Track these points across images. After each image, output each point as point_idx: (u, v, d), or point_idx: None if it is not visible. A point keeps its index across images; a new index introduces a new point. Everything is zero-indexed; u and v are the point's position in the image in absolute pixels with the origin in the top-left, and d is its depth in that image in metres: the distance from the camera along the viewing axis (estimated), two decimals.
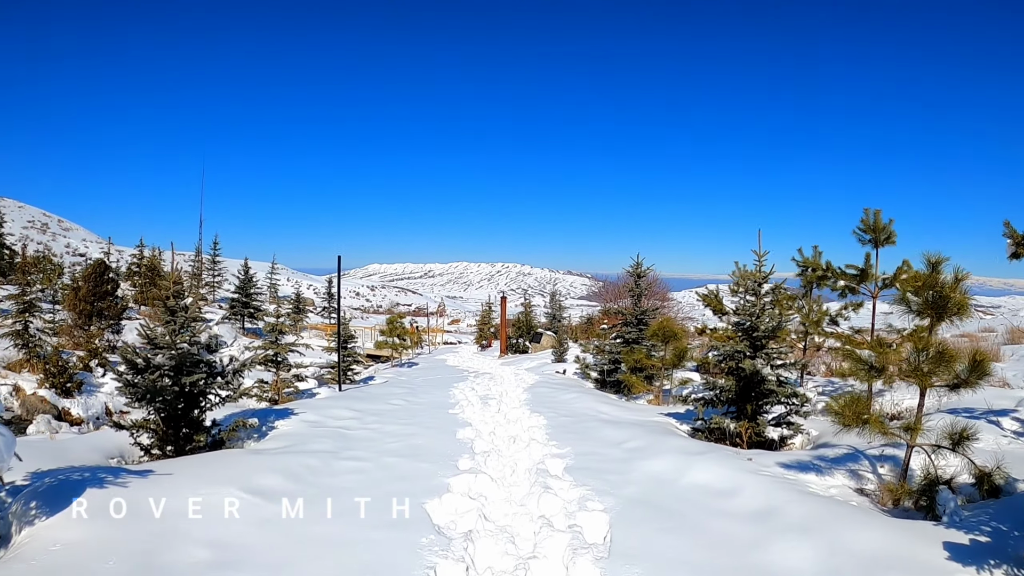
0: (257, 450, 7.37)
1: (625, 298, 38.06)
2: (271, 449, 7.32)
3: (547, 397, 12.00)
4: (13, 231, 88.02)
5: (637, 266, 15.61)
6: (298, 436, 7.91)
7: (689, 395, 9.77)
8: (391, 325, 22.21)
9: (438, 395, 12.03)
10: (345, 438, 7.80)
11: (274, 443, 7.73)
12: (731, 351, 9.08)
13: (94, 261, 27.54)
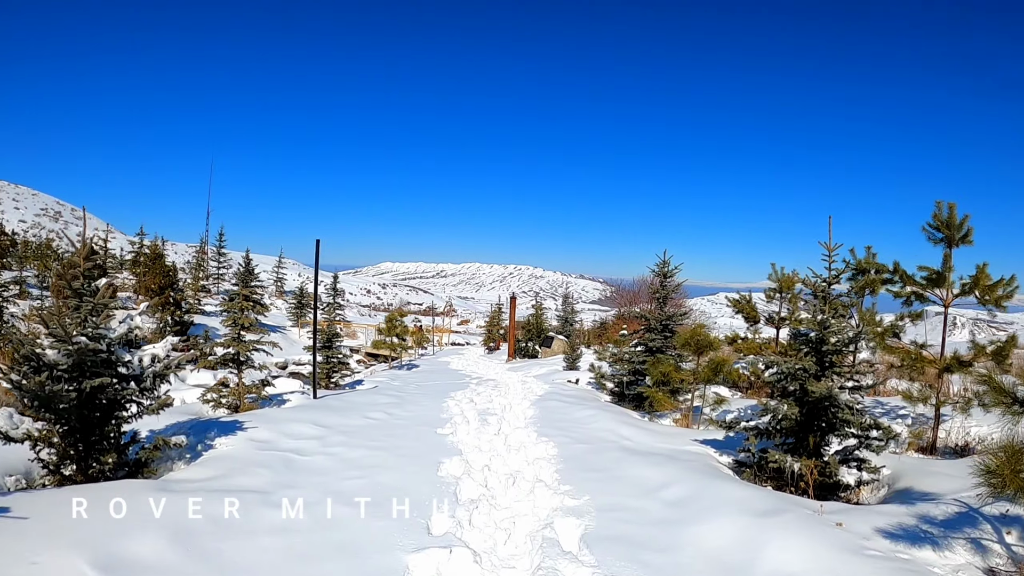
0: (175, 481, 5.56)
1: (642, 302, 36.26)
2: (191, 480, 5.51)
3: (558, 414, 10.10)
4: (26, 218, 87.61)
5: (663, 264, 13.67)
6: (234, 461, 6.09)
7: (734, 421, 7.82)
8: (390, 323, 20.37)
9: (429, 407, 10.16)
10: (291, 468, 5.96)
11: (201, 470, 5.92)
12: (791, 369, 7.13)
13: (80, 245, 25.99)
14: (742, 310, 15.43)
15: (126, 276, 38.19)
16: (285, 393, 10.57)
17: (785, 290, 14.54)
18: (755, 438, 7.20)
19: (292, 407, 9.55)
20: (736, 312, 15.79)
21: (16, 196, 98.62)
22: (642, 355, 13.25)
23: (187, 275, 41.08)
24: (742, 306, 15.40)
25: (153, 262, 28.71)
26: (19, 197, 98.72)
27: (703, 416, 10.89)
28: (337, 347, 13.01)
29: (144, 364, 6.28)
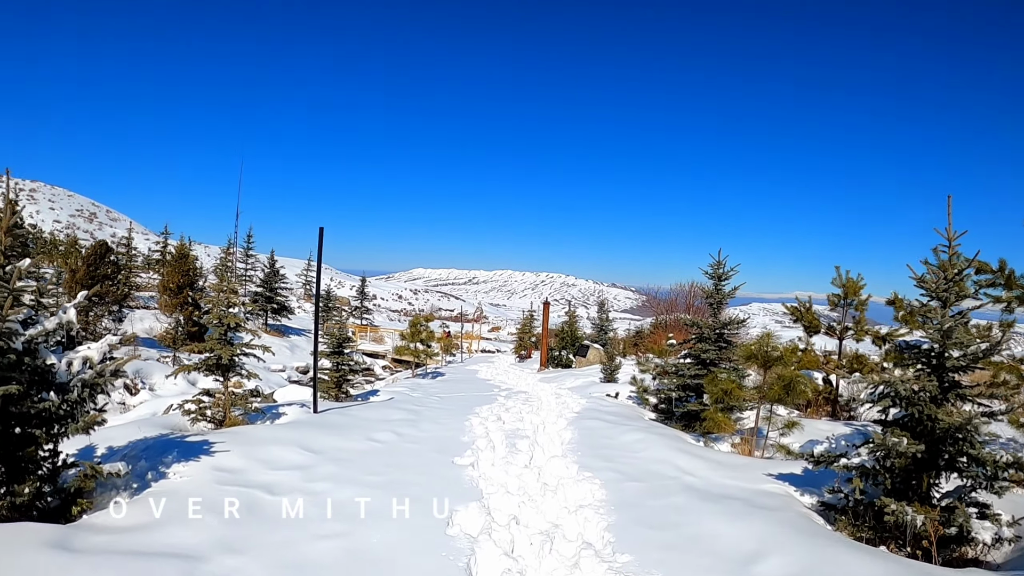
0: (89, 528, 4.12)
1: (679, 311, 34.31)
2: (110, 530, 4.07)
3: (600, 437, 8.46)
4: (60, 218, 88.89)
5: (718, 265, 11.95)
6: (181, 501, 4.63)
7: (827, 456, 6.08)
8: (414, 328, 18.90)
9: (448, 426, 8.60)
10: (252, 515, 4.47)
11: (134, 512, 4.48)
12: (908, 391, 5.42)
13: (95, 242, 25.16)
14: (801, 318, 13.57)
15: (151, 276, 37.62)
16: (282, 405, 9.10)
17: (850, 296, 12.73)
18: (860, 479, 5.50)
19: (284, 423, 8.07)
20: (794, 320, 13.91)
21: (52, 197, 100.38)
22: (693, 368, 11.56)
23: (214, 276, 40.47)
24: (801, 314, 13.55)
25: (178, 261, 27.83)
26: (55, 198, 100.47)
27: (767, 441, 9.20)
28: (349, 353, 11.55)
29: (74, 369, 4.86)
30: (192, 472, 5.39)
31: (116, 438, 6.71)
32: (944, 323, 5.31)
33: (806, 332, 13.49)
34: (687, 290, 33.88)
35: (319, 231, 8.61)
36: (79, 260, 24.02)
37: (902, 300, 11.79)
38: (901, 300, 11.80)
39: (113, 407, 16.77)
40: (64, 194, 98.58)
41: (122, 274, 31.32)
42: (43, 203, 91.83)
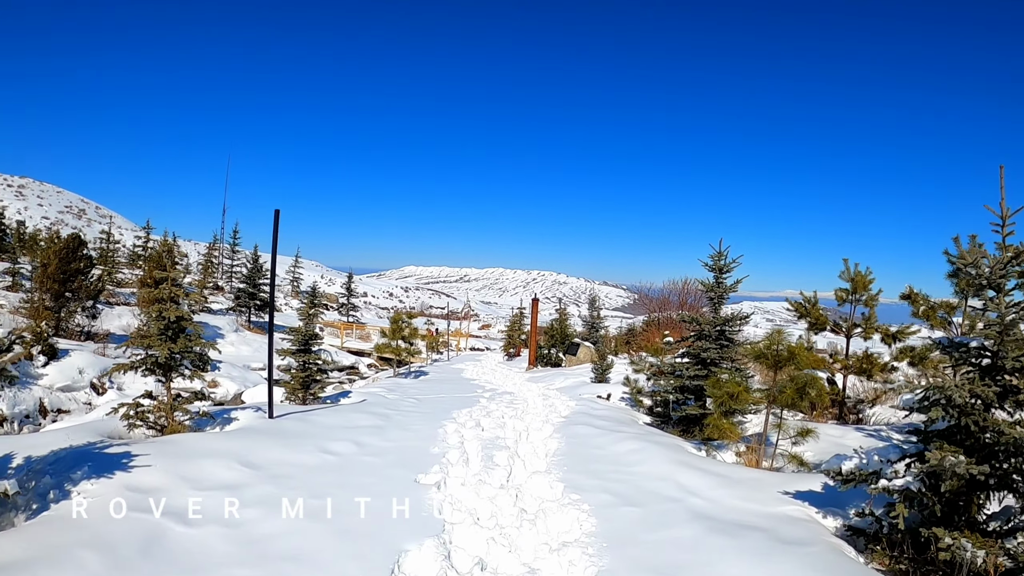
0: None
1: (672, 308, 33.41)
2: None
3: (591, 447, 7.52)
4: (49, 215, 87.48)
5: (719, 257, 11.02)
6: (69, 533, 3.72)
7: (857, 475, 5.17)
8: (395, 325, 17.88)
9: (420, 434, 7.62)
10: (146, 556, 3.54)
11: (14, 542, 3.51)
12: (962, 399, 4.50)
13: (67, 235, 24.04)
14: (807, 314, 12.69)
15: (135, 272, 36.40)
16: (236, 409, 8.11)
17: (859, 291, 11.86)
18: (904, 506, 4.58)
19: (232, 431, 7.09)
20: (799, 317, 13.00)
21: (41, 194, 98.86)
22: (693, 368, 10.64)
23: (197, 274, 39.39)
24: (807, 310, 12.66)
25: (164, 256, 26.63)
26: (44, 195, 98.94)
27: (776, 450, 8.32)
28: (317, 351, 10.54)
29: None
30: (100, 491, 4.43)
31: (42, 445, 5.77)
32: (1005, 314, 4.39)
33: (811, 329, 12.60)
34: (680, 287, 33.02)
35: (275, 213, 7.63)
36: (51, 254, 22.87)
37: (919, 295, 10.88)
38: (919, 295, 10.88)
39: (79, 407, 15.75)
40: (53, 190, 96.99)
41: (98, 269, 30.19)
42: (31, 199, 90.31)
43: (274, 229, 7.61)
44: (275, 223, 7.62)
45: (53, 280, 21.17)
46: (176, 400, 7.53)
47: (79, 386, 17.46)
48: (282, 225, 7.50)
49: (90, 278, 22.73)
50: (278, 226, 7.63)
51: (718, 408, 8.66)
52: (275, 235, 7.60)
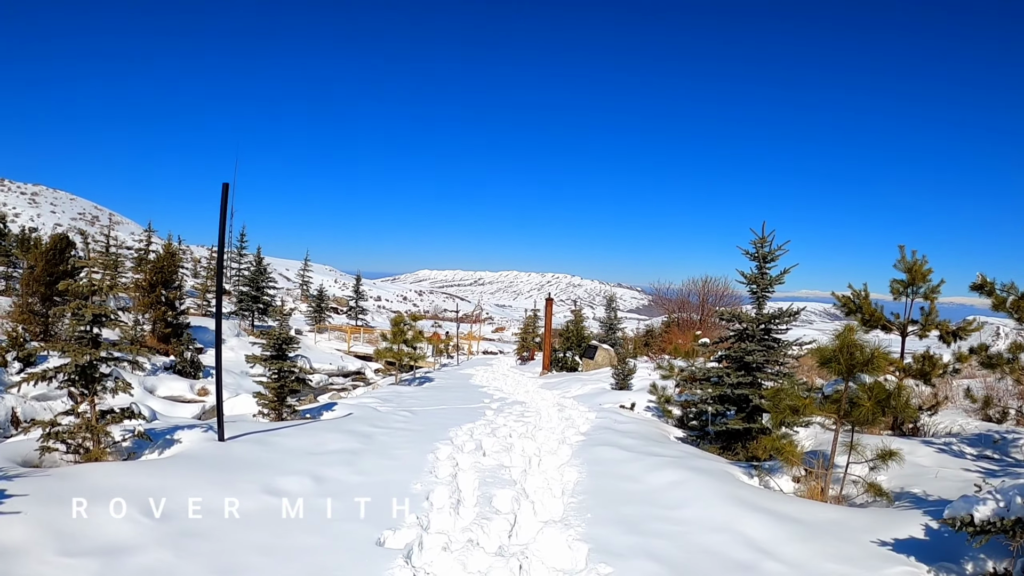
0: None
1: (691, 309, 31.64)
2: None
3: (619, 477, 5.92)
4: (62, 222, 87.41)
5: (762, 243, 9.40)
6: None
7: (1004, 525, 3.53)
8: (396, 328, 16.35)
9: (403, 462, 6.04)
10: None
11: None
12: None
13: (53, 236, 22.82)
14: (856, 310, 10.96)
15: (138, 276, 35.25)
16: (183, 429, 6.58)
17: (918, 282, 10.18)
18: None
19: (165, 458, 5.58)
20: (846, 313, 11.24)
21: (54, 201, 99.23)
22: (736, 375, 9.01)
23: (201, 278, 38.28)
24: (856, 305, 10.93)
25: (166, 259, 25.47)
26: (57, 202, 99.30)
27: (845, 475, 6.71)
28: (294, 357, 9.01)
29: None
30: None
31: None
32: None
33: (865, 327, 10.90)
34: (699, 287, 31.31)
35: (223, 188, 6.13)
36: (38, 256, 21.59)
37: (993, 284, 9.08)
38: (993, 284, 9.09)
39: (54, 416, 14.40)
40: (66, 197, 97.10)
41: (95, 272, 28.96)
42: (44, 206, 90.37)
43: (222, 205, 6.11)
44: (223, 198, 6.12)
45: (39, 283, 19.94)
46: (105, 418, 6.04)
47: (56, 394, 16.13)
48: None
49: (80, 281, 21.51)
50: (227, 201, 6.13)
51: (777, 425, 7.00)
52: (223, 211, 6.10)
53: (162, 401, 17.12)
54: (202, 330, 26.41)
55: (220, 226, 6.13)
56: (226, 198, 6.16)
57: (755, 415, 8.98)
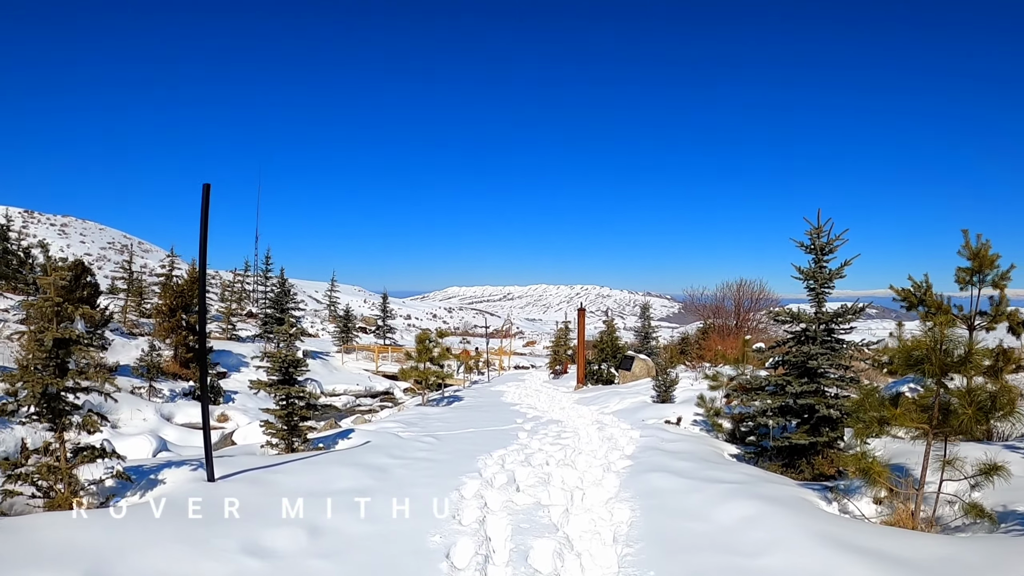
0: None
1: (727, 315, 30.25)
2: None
3: (680, 515, 4.88)
4: (91, 251, 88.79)
5: (817, 233, 8.34)
6: None
7: None
8: (421, 345, 15.47)
9: (424, 501, 5.09)
10: None
11: None
12: None
13: (69, 261, 22.51)
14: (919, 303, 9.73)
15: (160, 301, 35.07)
16: (169, 467, 5.73)
17: (985, 269, 8.96)
18: None
19: (138, 504, 4.70)
20: (908, 307, 9.99)
21: (83, 231, 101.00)
22: (798, 382, 7.92)
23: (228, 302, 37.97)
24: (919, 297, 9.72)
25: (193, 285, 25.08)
26: (86, 232, 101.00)
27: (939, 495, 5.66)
28: (303, 382, 8.16)
29: None
30: None
31: None
32: None
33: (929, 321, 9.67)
34: (734, 291, 29.99)
35: (203, 189, 5.31)
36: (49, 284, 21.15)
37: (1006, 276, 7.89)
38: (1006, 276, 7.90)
39: None
40: (95, 228, 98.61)
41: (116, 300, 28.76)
42: (74, 237, 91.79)
43: (203, 208, 5.28)
44: (204, 200, 5.29)
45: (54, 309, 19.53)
46: (78, 455, 5.21)
47: None
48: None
49: (97, 307, 21.11)
50: (208, 204, 5.29)
51: (861, 439, 5.90)
52: (204, 215, 5.26)
53: (179, 429, 16.45)
54: (226, 354, 25.89)
55: (201, 232, 5.29)
56: (207, 200, 5.34)
57: (820, 427, 7.89)
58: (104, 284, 35.93)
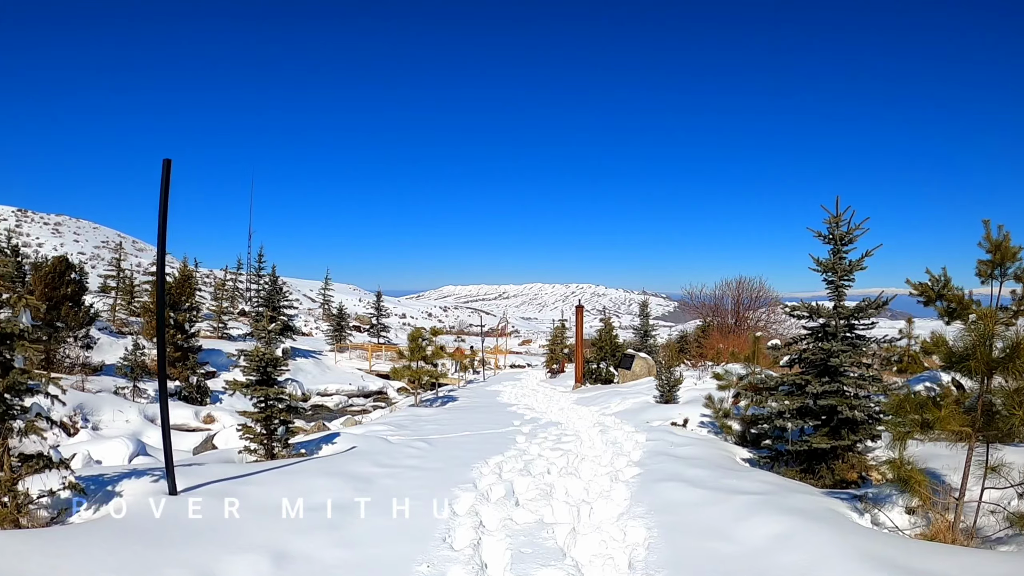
0: None
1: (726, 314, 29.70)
2: None
3: (703, 535, 4.29)
4: (85, 250, 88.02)
5: (836, 223, 7.77)
6: None
7: None
8: (414, 343, 14.86)
9: (410, 520, 4.47)
10: None
11: None
12: None
13: (54, 259, 21.79)
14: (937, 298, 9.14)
15: None
16: (129, 477, 5.11)
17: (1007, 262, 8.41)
18: None
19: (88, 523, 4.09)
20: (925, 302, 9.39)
21: (77, 230, 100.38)
22: (818, 382, 7.35)
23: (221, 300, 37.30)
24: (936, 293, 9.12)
25: (184, 283, 24.47)
26: (80, 231, 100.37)
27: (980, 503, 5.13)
28: (283, 382, 7.53)
29: None
30: None
31: None
32: None
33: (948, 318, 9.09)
34: (733, 288, 29.51)
35: (163, 165, 4.69)
36: (37, 279, 20.53)
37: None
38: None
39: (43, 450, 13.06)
40: (89, 227, 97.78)
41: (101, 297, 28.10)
42: (68, 236, 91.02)
43: (163, 186, 4.66)
44: (164, 178, 4.67)
45: None
46: (24, 465, 4.60)
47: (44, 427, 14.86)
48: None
49: (82, 305, 20.44)
50: (168, 182, 4.68)
51: (901, 445, 5.30)
52: (164, 194, 4.64)
53: None
54: (216, 353, 25.25)
55: (160, 212, 4.66)
56: (167, 178, 4.72)
57: (840, 430, 7.33)
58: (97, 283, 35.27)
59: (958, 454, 5.64)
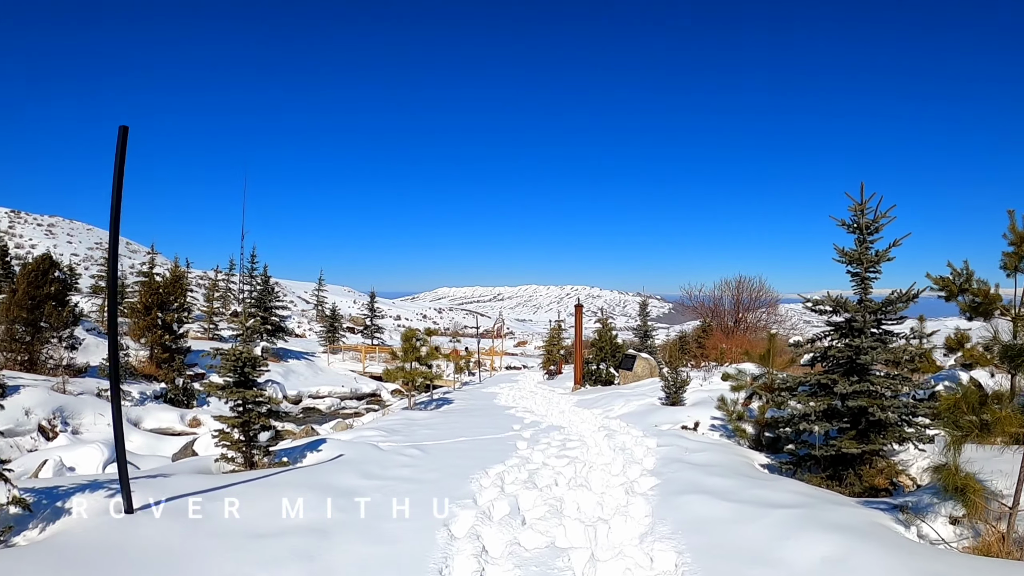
0: None
1: (726, 314, 29.17)
2: None
3: (745, 560, 3.68)
4: (78, 251, 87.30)
5: (861, 211, 7.21)
6: None
7: None
8: (408, 344, 14.22)
9: (402, 547, 3.84)
10: None
11: None
12: None
13: (37, 257, 21.06)
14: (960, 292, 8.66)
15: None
16: (82, 491, 4.47)
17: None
18: None
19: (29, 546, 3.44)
20: (947, 297, 8.89)
21: (71, 231, 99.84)
22: (846, 382, 6.76)
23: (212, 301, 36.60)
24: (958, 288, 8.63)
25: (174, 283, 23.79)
26: (73, 232, 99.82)
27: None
28: (262, 384, 6.89)
29: None
30: None
31: None
32: None
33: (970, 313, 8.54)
34: (733, 288, 29.04)
35: (120, 132, 4.07)
36: (20, 278, 19.82)
37: None
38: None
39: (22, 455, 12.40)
40: (83, 228, 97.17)
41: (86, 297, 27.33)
42: (61, 237, 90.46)
43: (118, 156, 4.03)
44: (120, 147, 4.04)
45: (21, 307, 18.15)
46: None
47: (24, 429, 14.13)
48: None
49: (67, 304, 19.72)
50: (124, 152, 4.05)
51: (955, 452, 4.69)
52: (120, 164, 4.01)
53: (146, 435, 15.08)
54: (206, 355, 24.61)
55: (115, 185, 4.03)
56: (123, 147, 4.09)
57: (868, 432, 6.76)
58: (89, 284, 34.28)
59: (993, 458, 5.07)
